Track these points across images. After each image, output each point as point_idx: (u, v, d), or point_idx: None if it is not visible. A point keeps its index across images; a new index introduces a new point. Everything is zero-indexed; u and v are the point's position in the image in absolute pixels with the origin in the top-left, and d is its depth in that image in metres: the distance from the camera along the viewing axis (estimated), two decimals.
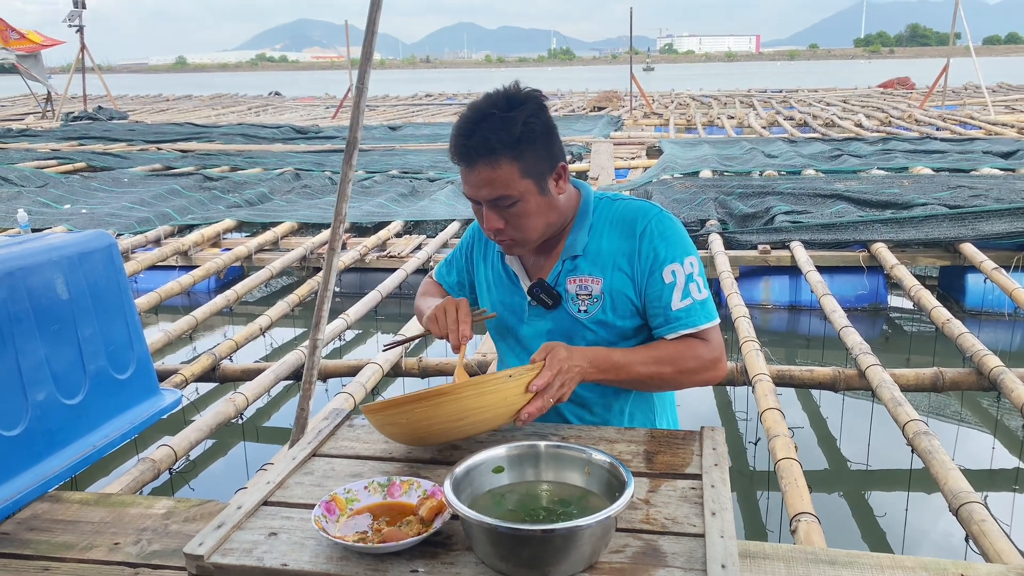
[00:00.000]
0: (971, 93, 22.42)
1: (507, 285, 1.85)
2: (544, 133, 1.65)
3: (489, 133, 1.60)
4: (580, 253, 1.75)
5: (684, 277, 1.70)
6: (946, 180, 7.50)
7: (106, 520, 2.41)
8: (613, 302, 1.74)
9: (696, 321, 1.69)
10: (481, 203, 1.67)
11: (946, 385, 3.72)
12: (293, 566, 1.31)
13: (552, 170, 1.68)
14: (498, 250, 1.86)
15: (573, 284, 1.76)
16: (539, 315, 1.80)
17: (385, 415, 1.53)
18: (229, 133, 14.52)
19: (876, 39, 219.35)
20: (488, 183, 1.63)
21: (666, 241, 1.71)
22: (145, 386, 3.30)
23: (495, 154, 1.61)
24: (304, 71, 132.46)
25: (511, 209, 1.65)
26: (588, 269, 1.75)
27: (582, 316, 1.76)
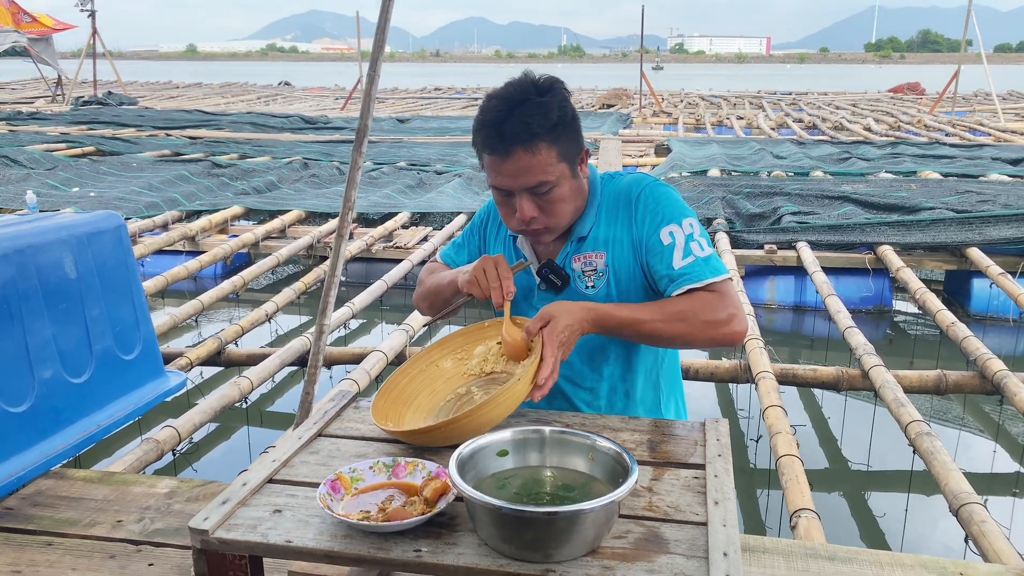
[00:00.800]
0: (981, 100, 22.35)
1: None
2: (574, 118, 1.67)
3: (528, 118, 1.58)
4: (586, 234, 1.76)
5: (684, 237, 1.68)
6: (954, 185, 7.48)
7: (109, 498, 2.43)
8: (617, 275, 1.74)
9: (701, 275, 1.65)
10: (514, 193, 1.64)
11: (949, 388, 3.72)
12: (297, 543, 1.32)
13: (578, 154, 1.69)
14: (509, 233, 1.86)
15: (578, 262, 1.77)
16: (548, 297, 1.80)
17: (403, 437, 1.56)
18: (238, 121, 14.53)
19: (887, 44, 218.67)
20: (527, 170, 1.61)
21: (660, 204, 1.71)
22: (150, 367, 3.32)
23: (536, 139, 1.59)
24: (314, 62, 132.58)
25: (547, 195, 1.64)
26: (592, 246, 1.76)
27: (590, 292, 1.76)
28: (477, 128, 1.65)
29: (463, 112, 19.71)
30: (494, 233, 1.93)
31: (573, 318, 1.57)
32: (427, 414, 1.71)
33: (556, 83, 1.65)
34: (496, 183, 1.66)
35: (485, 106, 1.64)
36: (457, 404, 1.70)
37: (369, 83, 2.94)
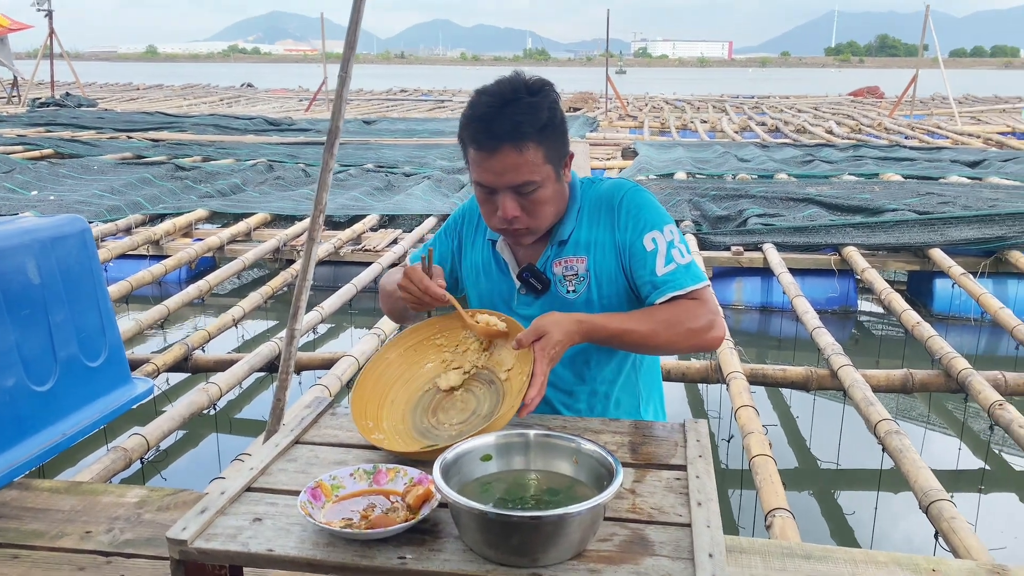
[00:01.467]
0: (938, 104, 22.83)
1: (496, 272, 1.85)
2: (562, 121, 1.67)
3: (519, 117, 1.58)
4: (566, 238, 1.76)
5: (665, 243, 1.70)
6: (915, 187, 7.63)
7: (77, 508, 2.37)
8: (599, 280, 1.74)
9: (683, 283, 1.68)
10: (497, 191, 1.64)
11: (915, 386, 3.79)
12: (279, 551, 1.29)
13: (563, 158, 1.69)
14: (488, 236, 1.85)
15: (559, 266, 1.76)
16: (528, 301, 1.80)
17: (387, 449, 1.55)
18: (201, 123, 14.34)
19: (846, 48, 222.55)
20: (514, 168, 1.60)
21: (642, 210, 1.72)
22: (117, 374, 3.25)
23: (525, 138, 1.59)
24: (277, 63, 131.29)
25: (531, 195, 1.64)
26: (573, 250, 1.76)
27: (571, 296, 1.76)
28: (465, 122, 1.64)
29: (430, 114, 19.66)
30: (471, 236, 1.92)
31: (564, 332, 1.57)
32: (405, 402, 1.69)
33: (547, 85, 1.65)
34: (481, 179, 1.64)
35: (475, 101, 1.63)
36: (435, 398, 1.68)
37: (340, 84, 2.91)
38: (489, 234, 1.84)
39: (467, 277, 1.92)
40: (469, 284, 1.92)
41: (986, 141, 13.70)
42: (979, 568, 2.13)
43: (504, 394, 1.63)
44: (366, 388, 1.67)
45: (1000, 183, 8.04)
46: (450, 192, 7.84)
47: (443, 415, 1.66)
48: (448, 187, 8.02)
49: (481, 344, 1.71)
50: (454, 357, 1.73)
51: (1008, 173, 8.94)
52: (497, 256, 1.84)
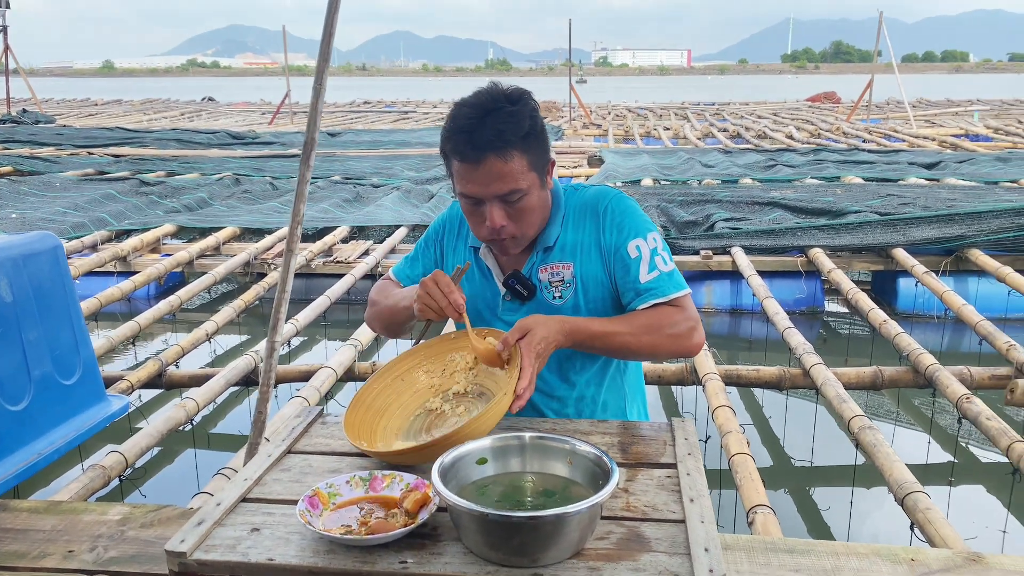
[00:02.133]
0: (893, 108, 23.32)
1: (479, 279, 1.86)
2: (543, 129, 1.69)
3: (501, 126, 1.59)
4: (552, 244, 1.77)
5: (649, 251, 1.72)
6: (876, 189, 7.79)
7: (58, 528, 2.33)
8: (585, 286, 1.76)
9: (666, 290, 1.71)
10: (484, 201, 1.64)
11: (885, 383, 3.87)
12: (280, 560, 1.30)
13: (547, 164, 1.71)
14: (470, 243, 1.86)
15: (545, 272, 1.78)
16: (514, 308, 1.81)
17: (380, 457, 1.55)
18: (163, 138, 14.18)
19: (802, 55, 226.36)
20: (499, 177, 1.61)
21: (627, 217, 1.75)
22: (91, 392, 3.22)
23: (508, 147, 1.60)
24: (237, 77, 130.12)
25: (517, 204, 1.65)
26: (558, 257, 1.77)
27: (558, 303, 1.78)
28: (448, 135, 1.64)
29: (395, 125, 19.64)
30: (452, 243, 1.92)
31: (549, 331, 1.60)
32: (398, 428, 1.70)
33: (525, 94, 1.68)
34: (466, 191, 1.65)
35: (456, 113, 1.64)
36: (428, 419, 1.69)
37: (315, 96, 2.91)
38: (471, 241, 1.85)
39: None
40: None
41: (941, 143, 14.04)
42: (955, 556, 2.18)
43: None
44: (356, 416, 1.67)
45: (957, 184, 8.25)
46: (419, 202, 7.84)
47: (438, 433, 1.66)
48: (417, 197, 8.02)
49: (468, 364, 1.72)
50: (442, 381, 1.74)
51: (964, 174, 9.18)
52: (480, 263, 1.85)
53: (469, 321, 1.71)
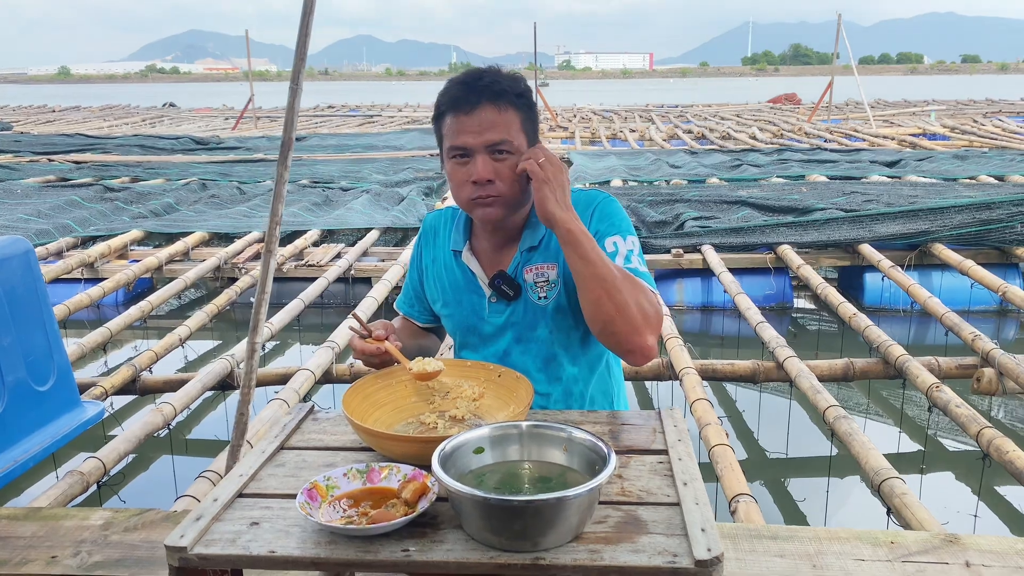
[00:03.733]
0: (852, 108, 23.75)
1: (463, 284, 1.86)
2: (535, 108, 1.72)
3: (499, 79, 1.65)
4: (536, 244, 1.78)
5: (626, 250, 1.73)
6: (840, 187, 7.93)
7: (39, 534, 2.30)
8: (567, 285, 1.77)
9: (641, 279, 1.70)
10: (473, 152, 1.65)
11: (856, 374, 3.95)
12: (281, 552, 1.30)
13: (536, 142, 1.72)
14: (451, 249, 1.86)
15: (530, 273, 1.79)
16: (500, 309, 1.82)
17: (373, 437, 1.55)
18: (125, 144, 13.97)
19: (762, 58, 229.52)
20: (492, 126, 1.63)
21: (611, 218, 1.76)
22: (66, 398, 3.17)
23: (503, 97, 1.64)
24: (198, 83, 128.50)
25: (504, 160, 1.66)
26: (543, 257, 1.78)
27: (543, 303, 1.79)
28: (445, 90, 1.67)
29: (360, 129, 19.55)
30: (431, 253, 1.92)
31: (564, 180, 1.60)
32: (387, 426, 1.70)
33: (525, 79, 1.71)
34: (456, 142, 1.66)
35: (452, 79, 1.68)
36: (419, 430, 1.69)
37: (292, 96, 2.90)
38: (452, 244, 1.85)
39: (435, 298, 1.92)
40: (438, 304, 1.92)
41: (900, 142, 14.33)
42: (933, 538, 2.25)
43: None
44: (353, 400, 1.68)
45: (918, 181, 8.43)
46: (390, 205, 7.82)
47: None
48: (387, 200, 8.00)
49: (473, 395, 1.73)
50: (442, 402, 1.75)
51: (924, 171, 9.38)
52: (463, 267, 1.85)
53: (399, 354, 1.75)
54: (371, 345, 1.75)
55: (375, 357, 1.76)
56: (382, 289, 5.03)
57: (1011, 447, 2.91)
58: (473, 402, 1.74)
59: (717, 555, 1.27)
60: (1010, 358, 3.75)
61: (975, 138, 14.58)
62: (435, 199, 8.34)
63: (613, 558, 1.27)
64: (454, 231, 1.87)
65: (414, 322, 2.01)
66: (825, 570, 2.12)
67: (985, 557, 2.15)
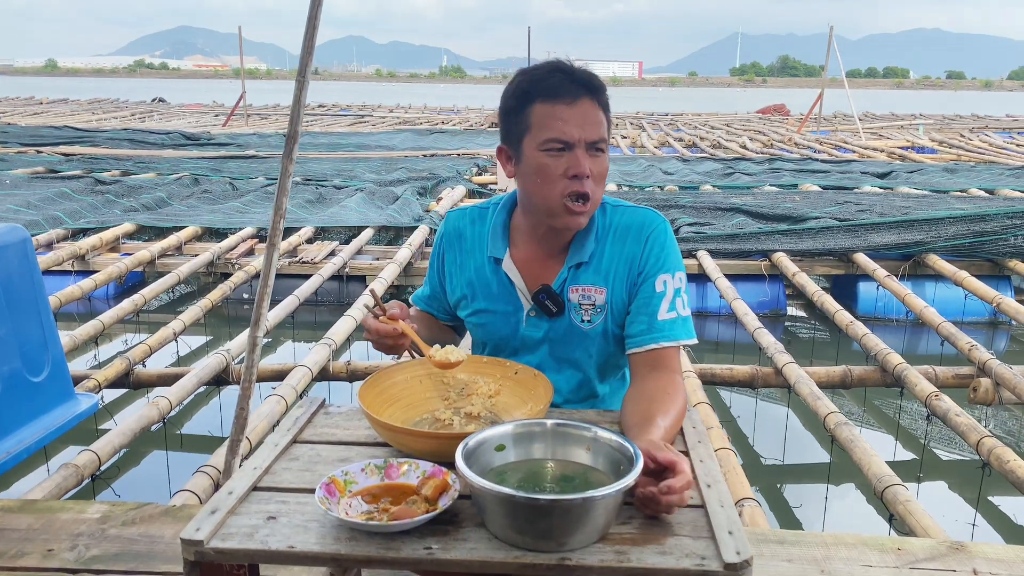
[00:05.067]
0: (841, 120, 23.91)
1: (497, 290, 1.79)
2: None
3: (593, 75, 1.60)
4: (586, 260, 1.71)
5: (673, 290, 1.69)
6: (833, 196, 7.97)
7: (35, 527, 2.26)
8: (614, 312, 1.72)
9: (678, 335, 1.68)
10: (571, 147, 1.58)
11: (854, 382, 3.95)
12: (301, 548, 1.27)
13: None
14: (490, 255, 1.78)
15: (576, 293, 1.73)
16: (538, 324, 1.77)
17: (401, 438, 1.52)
18: (115, 138, 13.86)
19: (750, 69, 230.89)
20: (594, 122, 1.59)
21: (665, 250, 1.70)
22: (60, 390, 3.12)
23: (600, 94, 1.60)
24: (186, 79, 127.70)
25: (600, 160, 1.61)
26: (592, 278, 1.72)
27: (585, 326, 1.74)
28: (534, 77, 1.60)
29: (351, 128, 19.49)
30: (457, 258, 1.83)
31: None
32: (401, 422, 1.68)
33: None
34: (556, 133, 1.57)
35: (536, 66, 1.63)
36: (434, 426, 1.66)
37: (298, 89, 2.87)
38: (491, 251, 1.78)
39: (458, 299, 1.86)
40: (463, 306, 1.85)
41: (890, 155, 14.43)
42: (939, 545, 2.24)
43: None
44: (368, 394, 1.65)
45: (911, 192, 8.48)
46: (384, 204, 7.78)
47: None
48: (382, 199, 7.96)
49: (489, 391, 1.71)
50: (458, 398, 1.72)
51: (915, 183, 9.44)
52: (500, 274, 1.77)
53: (416, 336, 1.70)
54: (385, 326, 1.68)
55: (388, 338, 1.69)
56: (379, 287, 5.00)
57: (1012, 456, 2.91)
58: (489, 399, 1.71)
59: (747, 558, 1.25)
60: (1007, 368, 3.76)
61: (963, 152, 14.70)
62: (429, 199, 8.31)
63: (640, 560, 1.25)
64: (491, 236, 1.79)
65: (433, 316, 1.96)
66: None
67: (992, 565, 2.15)
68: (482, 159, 11.80)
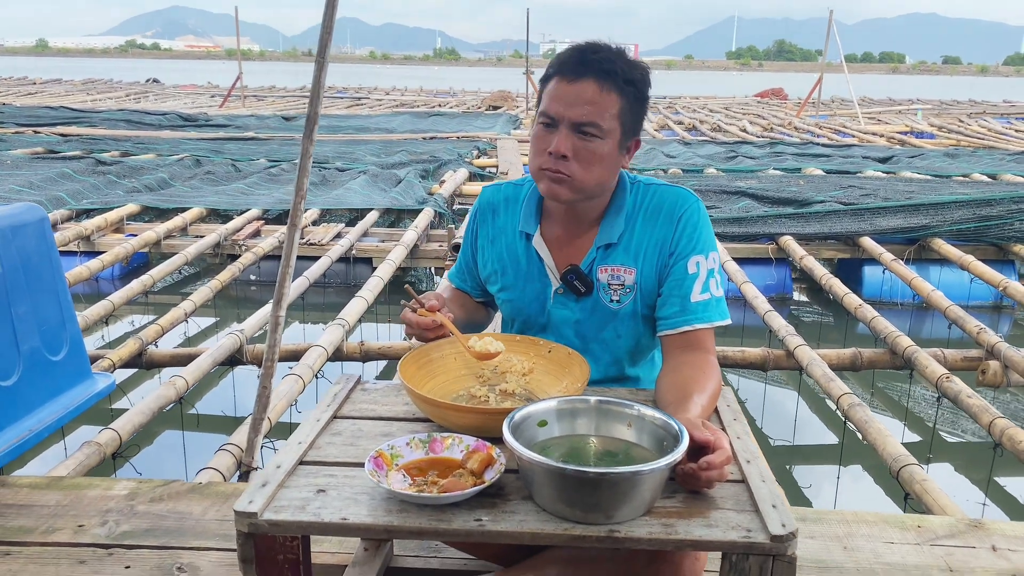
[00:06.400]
0: (839, 105, 23.89)
1: (526, 269, 1.81)
2: (646, 100, 1.68)
3: (616, 59, 1.61)
4: (615, 241, 1.72)
5: (706, 271, 1.69)
6: (837, 180, 7.98)
7: (63, 503, 2.27)
8: (644, 293, 1.73)
9: (712, 317, 1.69)
10: (558, 124, 1.61)
11: (864, 364, 3.98)
12: (354, 519, 1.29)
13: (633, 135, 1.69)
14: (521, 230, 1.80)
15: (605, 273, 1.74)
16: (565, 303, 1.78)
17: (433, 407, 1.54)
18: (111, 119, 13.76)
19: (746, 53, 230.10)
20: (587, 102, 1.59)
21: (698, 230, 1.70)
22: (78, 369, 3.12)
23: (610, 78, 1.60)
24: (179, 60, 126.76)
25: (588, 143, 1.61)
26: (622, 258, 1.73)
27: (615, 306, 1.75)
28: (564, 55, 1.64)
29: (349, 111, 19.40)
30: (489, 232, 1.86)
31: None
32: (440, 397, 1.69)
33: (649, 71, 1.68)
34: (547, 108, 1.63)
35: (574, 45, 1.66)
36: (470, 403, 1.68)
37: (318, 70, 2.87)
38: (522, 226, 1.80)
39: (489, 274, 1.88)
40: (492, 281, 1.88)
41: (889, 140, 14.43)
42: (958, 523, 2.28)
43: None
44: (407, 370, 1.67)
45: (913, 177, 8.49)
46: (388, 187, 7.77)
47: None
48: (385, 182, 7.95)
49: (523, 369, 1.72)
50: (492, 375, 1.74)
51: (917, 168, 9.45)
52: (531, 251, 1.79)
53: (455, 328, 1.72)
54: (425, 319, 1.72)
55: (428, 331, 1.72)
56: (387, 269, 5.00)
57: (1023, 436, 2.94)
58: (523, 377, 1.73)
59: (792, 531, 1.27)
60: (1015, 351, 3.79)
61: (962, 137, 14.72)
62: (432, 182, 8.30)
63: (688, 532, 1.27)
64: (523, 211, 1.81)
65: (467, 295, 1.98)
66: (856, 552, 2.14)
67: (1011, 542, 2.18)
68: (482, 142, 11.77)
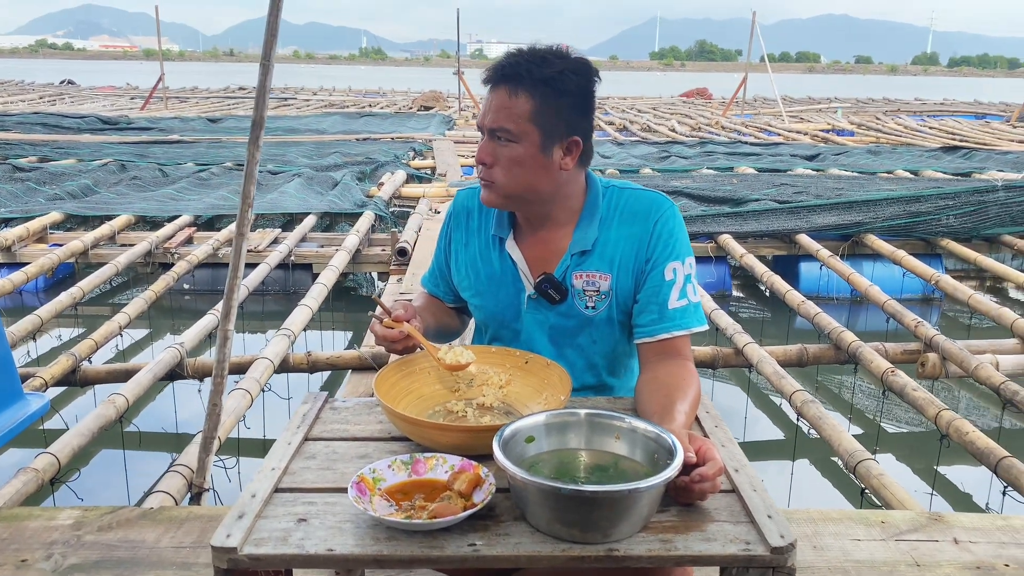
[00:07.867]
0: (762, 104, 24.48)
1: (499, 270, 1.78)
2: (575, 95, 1.63)
3: (523, 63, 1.60)
4: (589, 248, 1.70)
5: (683, 277, 1.68)
6: (769, 179, 8.14)
7: (2, 537, 2.13)
8: (619, 298, 1.71)
9: (690, 323, 1.68)
10: (483, 131, 1.66)
11: (810, 360, 4.06)
12: (340, 550, 1.23)
13: (564, 138, 1.64)
14: (493, 234, 1.78)
15: (580, 279, 1.71)
16: (540, 309, 1.75)
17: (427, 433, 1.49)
18: (25, 122, 13.15)
19: (669, 53, 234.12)
20: (498, 109, 1.61)
21: (673, 236, 1.68)
22: (8, 389, 2.94)
23: (521, 84, 1.59)
24: (94, 60, 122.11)
25: (504, 148, 1.63)
26: (597, 264, 1.70)
27: (590, 312, 1.72)
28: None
29: (277, 112, 18.98)
30: (462, 236, 1.84)
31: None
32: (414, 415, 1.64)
33: (584, 63, 1.65)
34: (478, 119, 1.69)
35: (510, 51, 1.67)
36: (447, 419, 1.63)
37: (263, 74, 2.76)
38: (495, 229, 1.78)
39: (463, 284, 1.85)
40: (465, 285, 1.84)
41: (813, 137, 14.85)
42: (919, 517, 2.32)
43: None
44: (382, 388, 1.61)
45: (841, 174, 8.73)
46: (324, 190, 7.60)
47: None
48: (321, 185, 7.78)
49: (500, 382, 1.69)
50: (467, 388, 1.69)
51: (843, 165, 9.73)
52: (504, 255, 1.77)
53: (424, 340, 1.68)
54: (392, 331, 1.66)
55: (397, 343, 1.67)
56: (330, 275, 4.89)
57: (970, 428, 3.03)
58: (500, 389, 1.69)
59: (791, 541, 1.26)
60: (952, 343, 3.91)
61: (881, 135, 15.23)
62: (370, 184, 8.16)
63: (687, 547, 1.25)
64: (497, 215, 1.79)
65: (440, 301, 1.93)
66: (826, 551, 2.16)
67: (971, 534, 2.23)
68: (418, 143, 11.66)
